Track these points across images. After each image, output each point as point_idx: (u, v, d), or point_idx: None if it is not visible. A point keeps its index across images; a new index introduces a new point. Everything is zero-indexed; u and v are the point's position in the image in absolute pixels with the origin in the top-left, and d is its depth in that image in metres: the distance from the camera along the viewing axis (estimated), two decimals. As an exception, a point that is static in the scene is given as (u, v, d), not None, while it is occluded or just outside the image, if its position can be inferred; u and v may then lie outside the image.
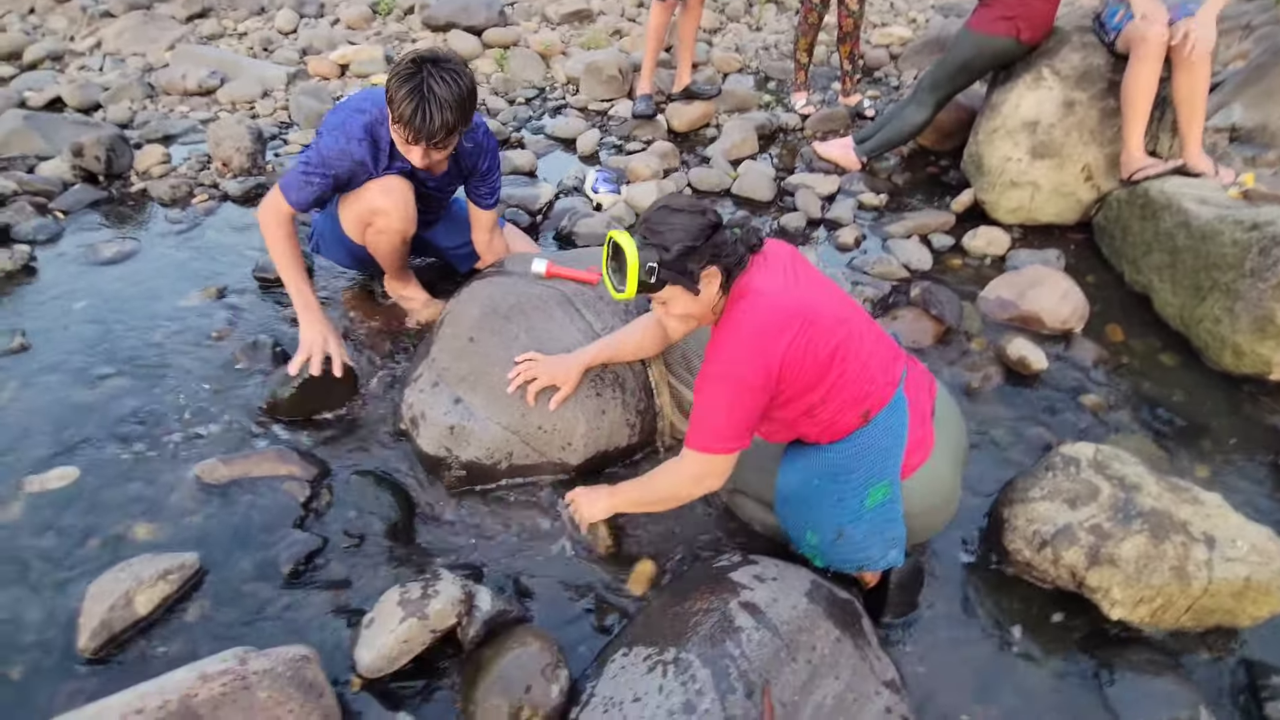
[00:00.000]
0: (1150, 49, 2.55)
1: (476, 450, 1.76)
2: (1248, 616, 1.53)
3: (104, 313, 2.23)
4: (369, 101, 1.89)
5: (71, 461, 1.75)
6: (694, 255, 1.31)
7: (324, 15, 4.66)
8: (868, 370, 1.39)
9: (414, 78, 1.63)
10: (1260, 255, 2.12)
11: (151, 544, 1.57)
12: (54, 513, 1.63)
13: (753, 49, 4.80)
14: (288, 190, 1.84)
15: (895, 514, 1.44)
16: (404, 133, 1.69)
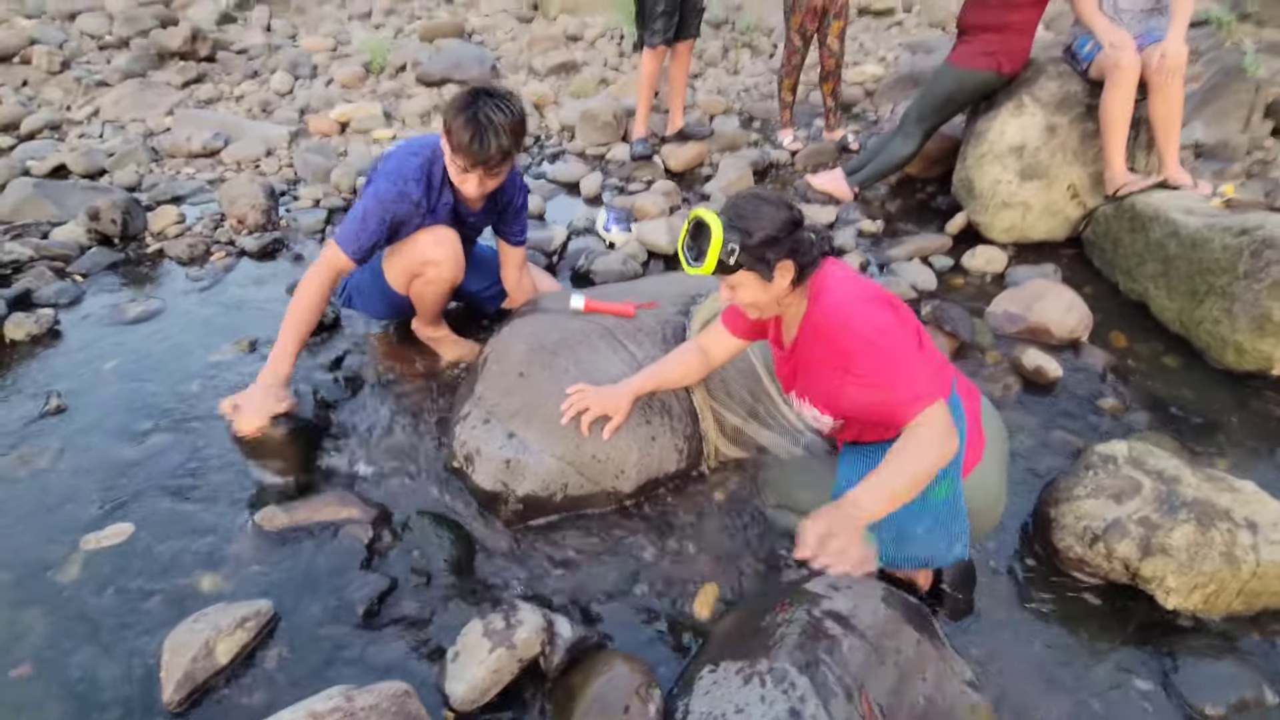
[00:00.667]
0: (1124, 74, 2.74)
1: (533, 483, 1.78)
2: (1294, 597, 1.59)
3: (137, 371, 2.23)
4: (420, 145, 1.96)
5: (125, 518, 1.73)
6: (775, 245, 1.36)
7: (317, 76, 4.76)
8: (935, 363, 1.45)
9: (470, 106, 1.72)
10: (1252, 258, 2.26)
11: (218, 594, 1.56)
12: (114, 570, 1.61)
13: (734, 91, 5.00)
14: (346, 243, 1.86)
15: (960, 509, 1.47)
16: (463, 160, 1.76)
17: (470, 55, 4.60)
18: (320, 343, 2.39)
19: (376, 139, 3.89)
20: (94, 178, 3.43)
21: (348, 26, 5.90)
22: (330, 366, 2.27)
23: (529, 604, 1.48)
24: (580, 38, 5.60)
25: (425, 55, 4.76)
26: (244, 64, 4.79)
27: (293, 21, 5.91)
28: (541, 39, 5.50)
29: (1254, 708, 1.46)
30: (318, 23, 5.95)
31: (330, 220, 3.17)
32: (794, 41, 3.86)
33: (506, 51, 5.38)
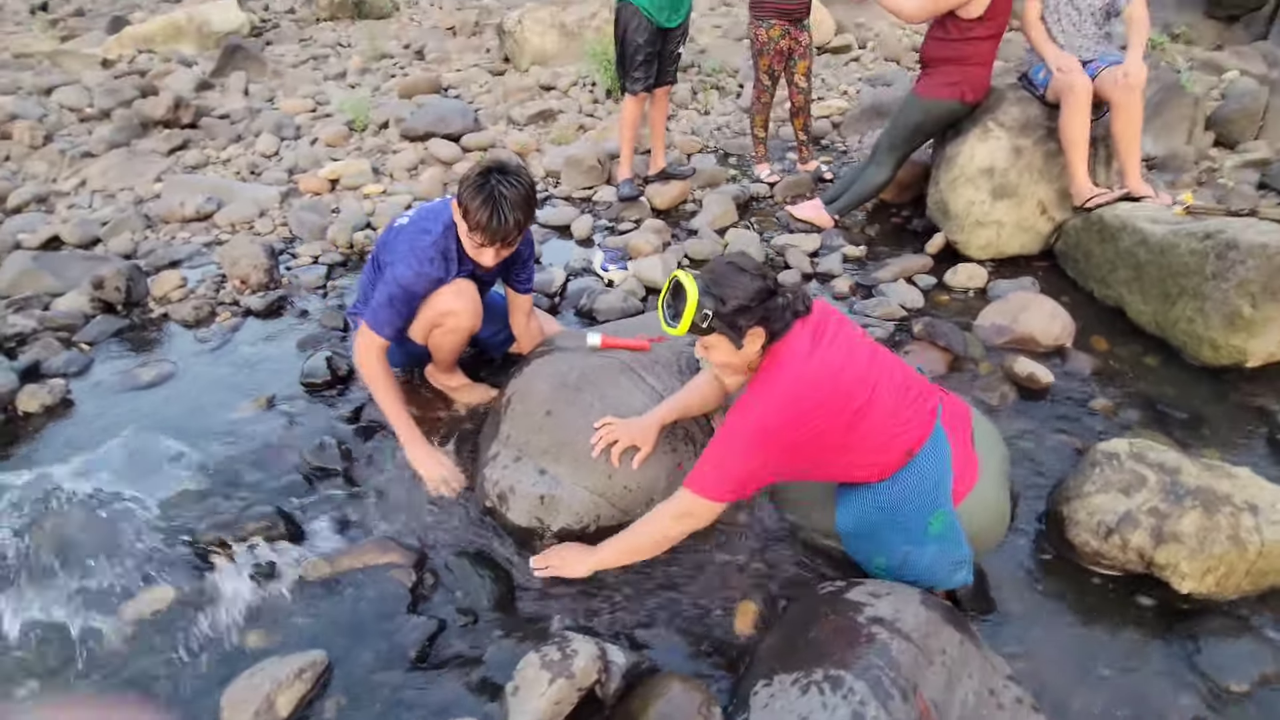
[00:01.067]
0: (1078, 96, 2.94)
1: (567, 517, 1.83)
2: (1297, 573, 1.69)
3: (155, 434, 2.23)
4: (430, 219, 2.04)
5: (162, 582, 1.73)
6: (747, 313, 1.45)
7: (302, 136, 4.85)
8: (897, 417, 1.53)
9: (485, 187, 1.81)
10: (1218, 260, 2.42)
11: (266, 649, 1.57)
12: (158, 634, 1.61)
13: (707, 130, 5.18)
14: (380, 327, 1.97)
15: (957, 537, 1.56)
16: (481, 237, 1.85)
17: (452, 109, 4.73)
18: (337, 395, 2.42)
19: (367, 194, 3.96)
20: (88, 247, 3.44)
21: (324, 87, 6.01)
22: (350, 419, 2.30)
23: (580, 634, 1.51)
24: (554, 87, 5.78)
25: (407, 111, 4.88)
26: (227, 128, 4.86)
27: (269, 85, 6.01)
28: (516, 90, 5.66)
29: (1276, 681, 1.55)
30: (295, 85, 6.06)
31: (330, 275, 3.21)
32: (763, 81, 4.05)
33: (483, 103, 5.53)
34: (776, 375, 1.49)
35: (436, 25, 7.91)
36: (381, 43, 7.06)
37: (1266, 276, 2.33)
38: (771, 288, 1.48)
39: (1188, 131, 4.37)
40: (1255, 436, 2.26)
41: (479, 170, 1.84)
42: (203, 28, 7.17)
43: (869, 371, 1.52)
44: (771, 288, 1.48)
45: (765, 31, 3.83)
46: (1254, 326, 2.38)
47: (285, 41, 7.64)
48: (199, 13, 7.29)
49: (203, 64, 6.46)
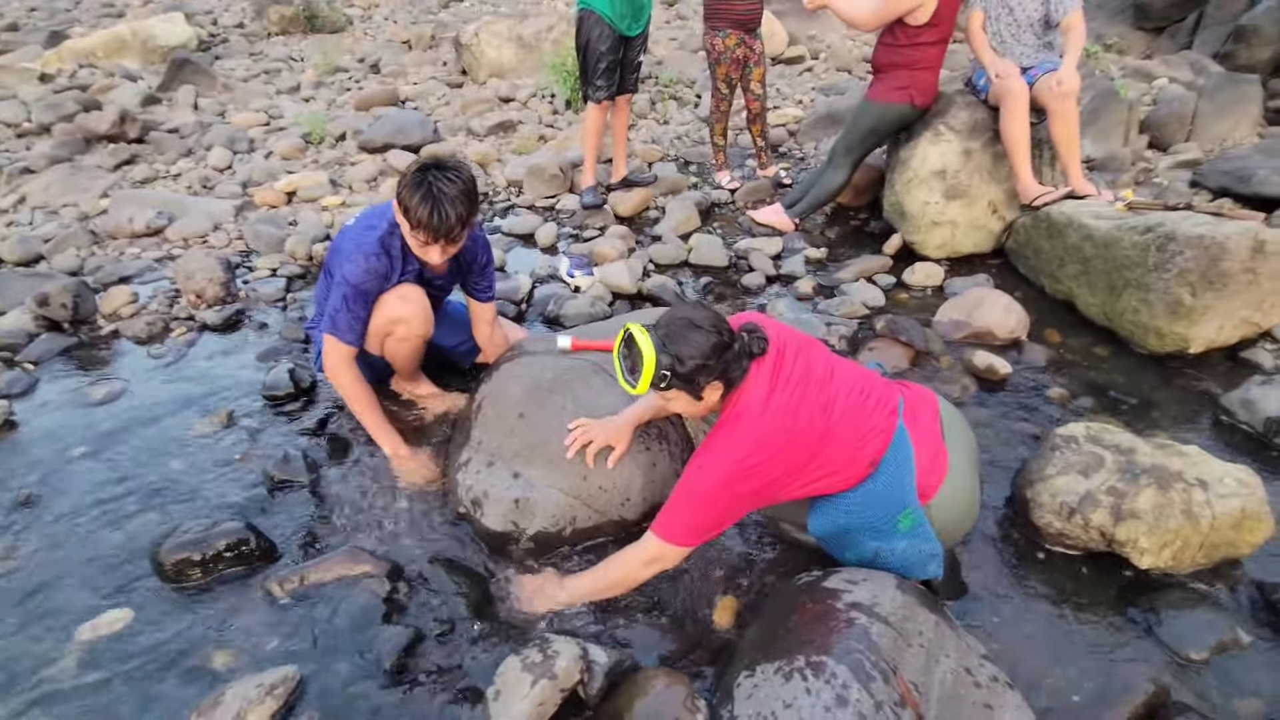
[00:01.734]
0: (1016, 99, 3.07)
1: (542, 520, 1.81)
2: (1247, 545, 1.77)
3: (111, 453, 2.15)
4: (375, 218, 2.01)
5: (121, 604, 1.66)
6: (704, 371, 1.45)
7: (256, 150, 4.74)
8: (859, 431, 1.56)
9: (422, 184, 1.77)
10: (1159, 252, 2.54)
11: (235, 669, 1.51)
12: (118, 657, 1.54)
13: (667, 139, 5.24)
14: (341, 333, 1.94)
15: (927, 533, 1.60)
16: (423, 235, 1.81)
17: (411, 121, 4.69)
18: (301, 408, 2.36)
19: (325, 206, 3.89)
20: (30, 265, 3.30)
21: (277, 101, 5.91)
22: (314, 431, 2.25)
23: (560, 636, 1.49)
24: (513, 99, 5.78)
25: (365, 124, 4.82)
26: (177, 143, 4.72)
27: (220, 99, 5.87)
28: (475, 102, 5.65)
29: (1232, 648, 1.61)
30: (246, 99, 5.93)
31: (289, 288, 3.14)
32: (721, 90, 4.12)
33: (442, 115, 5.49)
34: (735, 426, 1.51)
35: (391, 39, 7.86)
36: (335, 57, 6.98)
37: (1204, 266, 2.45)
38: (727, 341, 1.47)
39: (1124, 135, 4.58)
40: (1200, 417, 2.37)
41: (416, 168, 1.81)
42: (148, 42, 6.98)
43: (827, 397, 1.54)
44: (727, 341, 1.47)
45: (722, 41, 3.90)
46: (1194, 314, 2.50)
47: (235, 56, 7.49)
48: (143, 27, 7.10)
49: (148, 78, 6.29)
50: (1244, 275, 2.47)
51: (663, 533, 1.56)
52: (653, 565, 1.61)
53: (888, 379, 1.74)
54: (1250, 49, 5.75)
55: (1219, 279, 2.45)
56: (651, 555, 1.59)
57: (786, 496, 1.62)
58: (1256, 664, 1.60)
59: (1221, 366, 2.61)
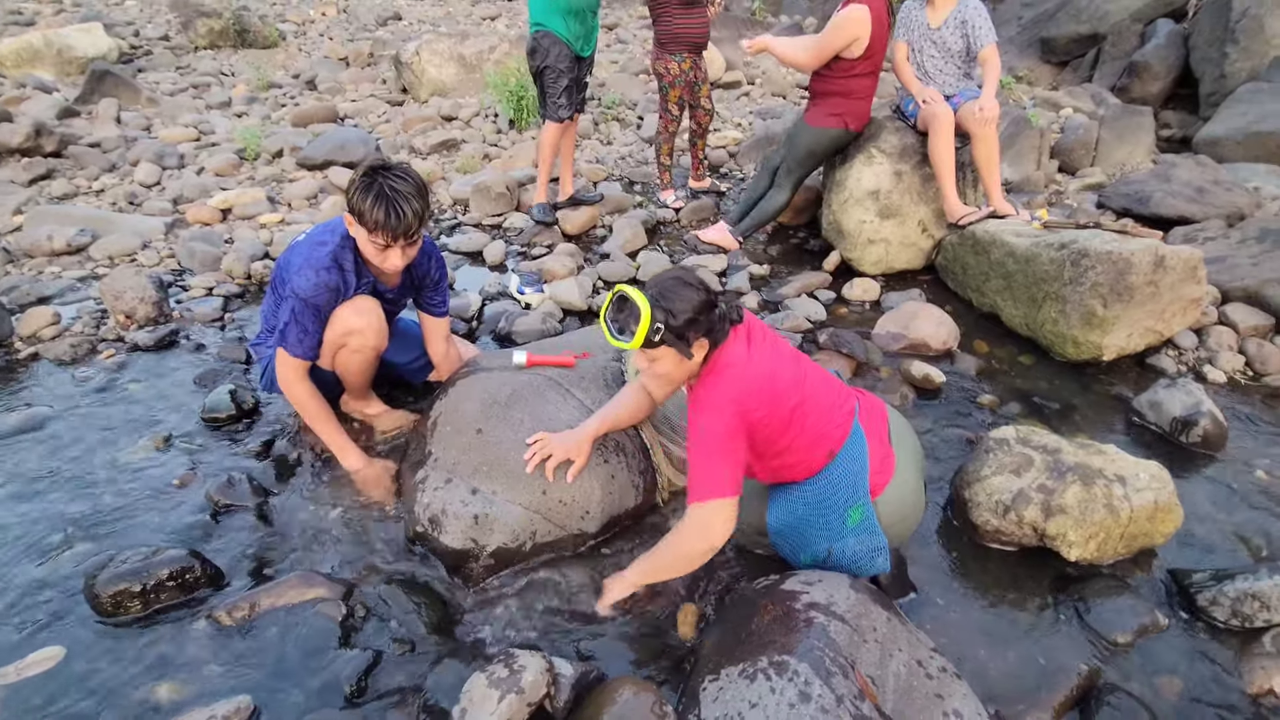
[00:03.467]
0: (942, 124, 3.27)
1: (502, 535, 1.81)
2: (1160, 534, 1.92)
3: (33, 482, 2.02)
4: (325, 232, 1.97)
5: (51, 641, 1.56)
6: (695, 325, 1.51)
7: (186, 166, 4.56)
8: (824, 418, 1.65)
9: (373, 185, 1.74)
10: (1073, 266, 2.74)
11: (181, 702, 1.45)
12: (47, 698, 1.45)
13: (611, 159, 5.32)
14: (292, 347, 1.91)
15: (874, 528, 1.68)
16: (382, 237, 1.78)
17: (353, 138, 4.61)
18: (243, 431, 2.28)
19: (264, 224, 3.78)
20: (-65, 286, 3.08)
21: (207, 116, 5.71)
22: (260, 453, 2.18)
23: (525, 650, 1.49)
24: (456, 117, 5.76)
25: (303, 140, 4.71)
26: (99, 157, 4.50)
27: (145, 114, 5.63)
28: (416, 120, 5.60)
29: (1152, 630, 1.74)
30: (174, 114, 5.71)
31: (227, 308, 3.04)
32: (672, 112, 4.23)
33: (383, 133, 5.42)
34: (722, 375, 1.56)
35: (328, 56, 7.72)
36: (268, 72, 6.80)
37: (1113, 279, 2.66)
38: (713, 300, 1.54)
39: (1036, 160, 4.92)
40: (1115, 419, 2.55)
41: (362, 172, 1.77)
42: (63, 52, 6.64)
43: (800, 373, 1.62)
44: (713, 300, 1.54)
45: (677, 65, 4.01)
46: (1106, 324, 2.70)
47: (160, 69, 7.20)
48: (58, 36, 6.76)
49: (65, 90, 5.98)
50: (1147, 288, 2.69)
51: (701, 495, 1.53)
52: (706, 533, 1.55)
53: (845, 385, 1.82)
54: (1142, 83, 6.28)
55: (1126, 291, 2.66)
56: (701, 522, 1.54)
57: (759, 461, 1.65)
58: (1174, 644, 1.73)
59: (1132, 372, 2.83)
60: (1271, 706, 1.60)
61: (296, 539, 1.87)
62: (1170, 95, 6.30)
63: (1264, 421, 2.55)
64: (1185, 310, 2.82)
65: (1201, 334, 2.99)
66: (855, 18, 3.20)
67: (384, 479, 2.05)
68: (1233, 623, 1.76)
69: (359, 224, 1.80)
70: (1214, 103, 5.65)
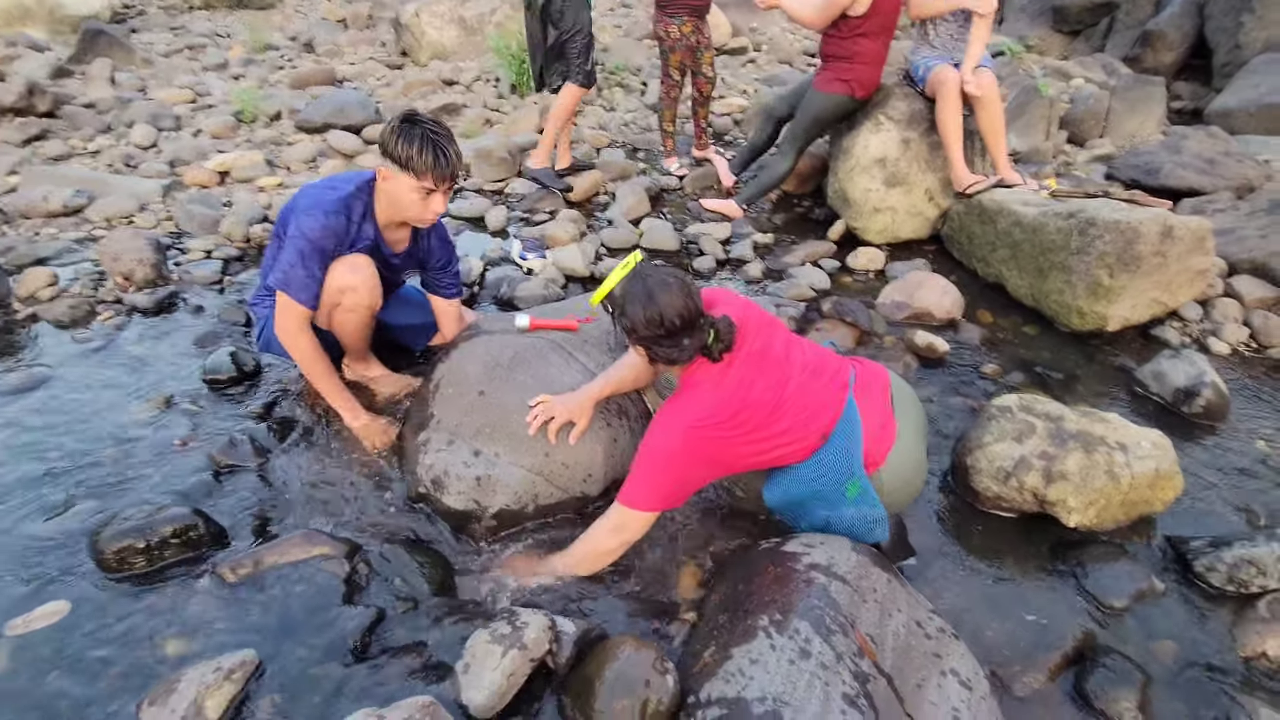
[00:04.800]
0: (949, 89, 3.21)
1: (504, 497, 1.81)
2: (1160, 502, 1.93)
3: (33, 442, 2.02)
4: (339, 180, 1.95)
5: (57, 596, 1.57)
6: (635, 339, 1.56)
7: (183, 128, 4.49)
8: (811, 406, 1.63)
9: (415, 131, 1.77)
10: (1080, 236, 2.71)
11: (187, 656, 1.46)
12: (54, 651, 1.46)
13: (614, 126, 5.24)
14: (295, 290, 1.85)
15: (872, 500, 1.68)
16: (431, 180, 1.79)
17: (352, 100, 4.53)
18: (244, 393, 2.28)
19: (263, 187, 3.74)
20: (-69, 246, 3.05)
21: (203, 78, 5.61)
22: (261, 415, 2.18)
23: (527, 609, 1.50)
24: (456, 81, 5.66)
25: (302, 103, 4.64)
26: (94, 118, 4.43)
27: (140, 74, 5.53)
28: (417, 83, 5.50)
29: (1149, 596, 1.76)
30: (170, 75, 5.61)
31: (226, 271, 3.01)
32: (673, 77, 4.15)
33: (383, 97, 5.33)
34: (693, 392, 1.58)
35: (325, 17, 7.57)
36: (265, 34, 6.68)
37: (1120, 249, 2.63)
38: (675, 328, 1.49)
39: (1045, 130, 4.84)
40: (1118, 389, 2.55)
41: (401, 119, 1.79)
42: (55, 11, 6.52)
43: (782, 374, 1.61)
44: (675, 328, 1.49)
45: (678, 28, 3.92)
46: (1112, 294, 2.68)
47: (154, 29, 7.06)
48: (49, -6, 6.62)
49: (58, 50, 5.87)
50: (1155, 258, 2.66)
51: (626, 499, 1.60)
52: (618, 534, 1.63)
53: (840, 355, 1.81)
54: (1155, 53, 6.16)
55: (1133, 261, 2.64)
56: (615, 523, 1.62)
57: (742, 466, 1.67)
58: (1170, 610, 1.75)
59: (1135, 343, 2.82)
60: (1264, 669, 1.62)
61: (299, 499, 1.88)
62: (1183, 66, 6.19)
63: (1267, 393, 2.55)
64: (1192, 281, 2.80)
65: (1207, 306, 2.97)
66: None
67: (384, 433, 2.06)
68: (1228, 588, 1.77)
69: (404, 170, 1.79)
70: (1228, 74, 5.55)
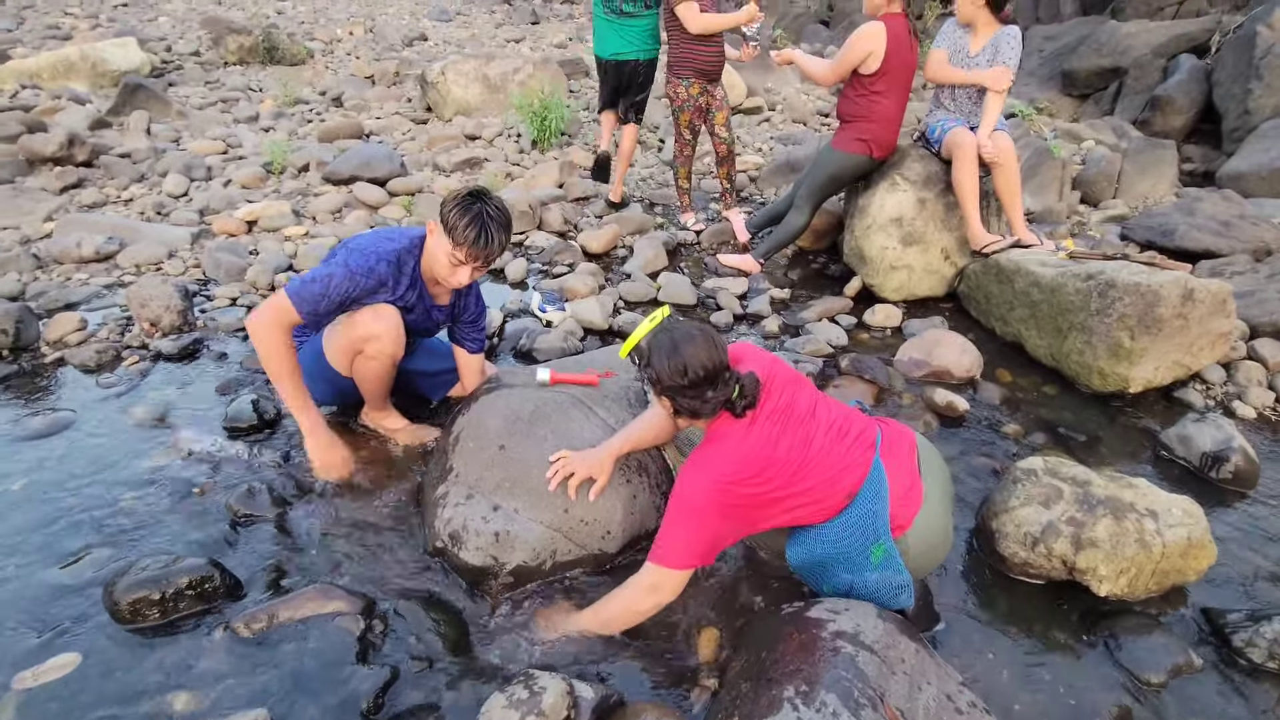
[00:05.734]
0: (965, 152, 3.28)
1: (522, 553, 1.79)
2: (1193, 571, 1.87)
3: (53, 487, 2.02)
4: (394, 234, 2.02)
5: (69, 647, 1.55)
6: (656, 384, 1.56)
7: (214, 178, 4.64)
8: (836, 465, 1.61)
9: (472, 207, 1.85)
10: (1099, 298, 2.71)
11: (197, 713, 1.43)
12: (65, 704, 1.44)
13: (632, 181, 5.36)
14: (301, 301, 1.82)
15: (897, 565, 1.64)
16: (463, 254, 1.87)
17: (378, 154, 4.67)
18: (264, 439, 2.29)
19: (289, 236, 3.83)
20: (-35, 289, 3.13)
21: (235, 130, 5.81)
22: (280, 464, 2.18)
23: (545, 671, 1.47)
24: (479, 136, 5.83)
25: (329, 155, 4.78)
26: (129, 168, 4.58)
27: (175, 126, 5.74)
28: (441, 138, 5.67)
29: (1186, 671, 1.69)
30: (203, 127, 5.82)
31: (250, 318, 3.06)
32: (685, 135, 4.26)
33: (408, 150, 5.49)
34: (719, 446, 1.57)
35: (354, 74, 7.86)
36: (295, 88, 6.93)
37: (1141, 311, 2.63)
38: (700, 379, 1.50)
39: (1058, 190, 4.91)
40: (1142, 452, 2.51)
41: (464, 192, 1.88)
42: (97, 65, 6.80)
43: (808, 433, 1.61)
44: (700, 379, 1.50)
45: (685, 89, 4.05)
46: (1134, 356, 2.67)
47: (190, 83, 7.36)
48: (93, 50, 6.93)
49: (98, 102, 6.11)
50: (1176, 321, 2.65)
51: (659, 558, 1.57)
52: (653, 594, 1.60)
53: (868, 415, 1.80)
54: (1165, 117, 6.28)
55: (1154, 324, 2.63)
56: (651, 583, 1.59)
57: (768, 524, 1.65)
58: (1208, 686, 1.68)
59: (1158, 405, 2.79)
60: (1313, 754, 1.54)
61: (315, 551, 1.86)
62: (1193, 130, 6.30)
63: (1296, 459, 2.50)
64: (1214, 344, 2.78)
65: (1230, 368, 2.95)
66: (869, 33, 3.24)
67: (338, 455, 2.02)
68: (1269, 664, 1.71)
69: (446, 235, 1.86)
70: (1237, 138, 5.63)
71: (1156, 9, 7.48)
